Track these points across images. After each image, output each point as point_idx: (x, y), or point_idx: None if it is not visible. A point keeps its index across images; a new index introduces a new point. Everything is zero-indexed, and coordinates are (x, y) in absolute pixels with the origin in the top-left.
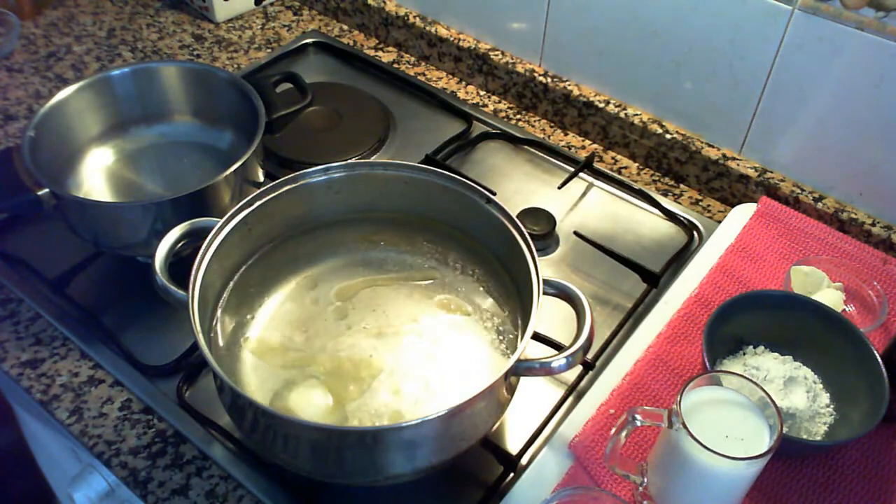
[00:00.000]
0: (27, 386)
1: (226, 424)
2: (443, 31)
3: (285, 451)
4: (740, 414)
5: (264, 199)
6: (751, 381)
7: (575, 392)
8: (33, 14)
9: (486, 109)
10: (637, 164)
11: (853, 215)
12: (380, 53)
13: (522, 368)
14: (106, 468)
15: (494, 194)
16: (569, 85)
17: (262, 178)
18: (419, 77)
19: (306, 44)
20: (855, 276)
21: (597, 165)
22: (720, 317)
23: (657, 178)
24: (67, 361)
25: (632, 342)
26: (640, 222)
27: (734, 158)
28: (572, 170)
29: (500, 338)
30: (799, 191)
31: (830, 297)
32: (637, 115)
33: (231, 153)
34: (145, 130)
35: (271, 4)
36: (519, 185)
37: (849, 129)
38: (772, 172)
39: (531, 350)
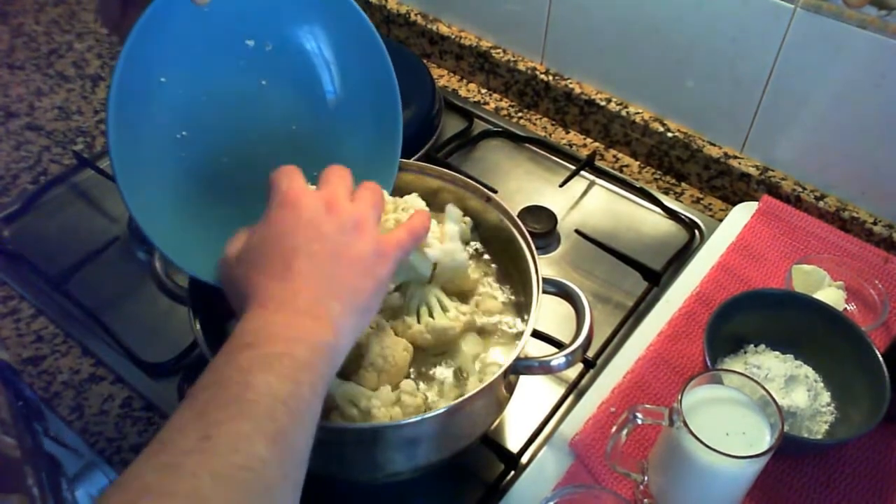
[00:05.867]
0: (29, 383)
1: None
2: (444, 29)
3: None
4: (741, 412)
5: None
6: (752, 379)
7: (576, 390)
8: None
9: (487, 107)
10: (638, 163)
11: (854, 214)
12: None
13: (522, 367)
14: (107, 465)
15: (496, 192)
16: (570, 83)
17: None
18: None
19: None
20: (856, 274)
21: (598, 164)
22: (721, 315)
23: (658, 177)
24: (68, 359)
25: (633, 340)
26: (641, 220)
27: (736, 157)
28: (573, 168)
29: (500, 336)
30: (800, 189)
31: (832, 295)
32: (638, 113)
33: None
34: None
35: None
36: (520, 184)
37: (850, 127)
38: (773, 171)
39: (531, 348)
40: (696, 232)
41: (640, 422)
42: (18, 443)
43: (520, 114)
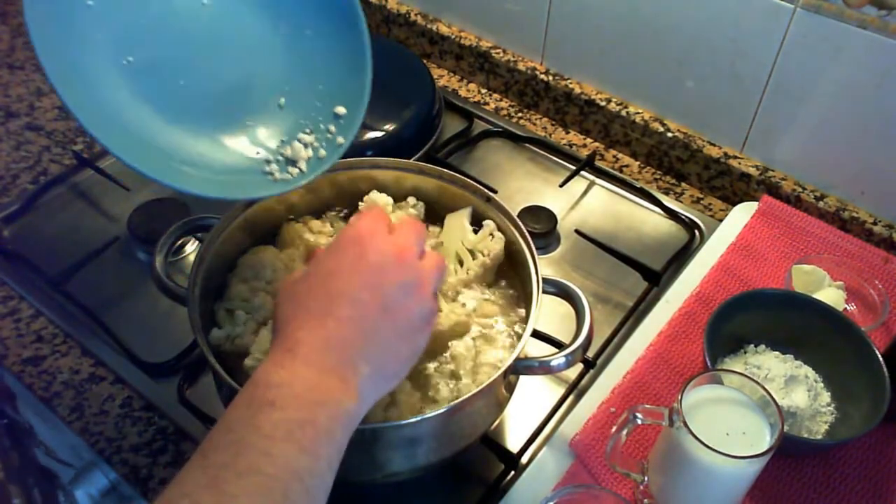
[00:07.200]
0: (29, 383)
1: None
2: (444, 29)
3: None
4: (741, 412)
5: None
6: (752, 379)
7: (576, 390)
8: None
9: (487, 107)
10: (638, 163)
11: (854, 214)
12: None
13: (521, 367)
14: (107, 465)
15: (496, 192)
16: (570, 83)
17: None
18: None
19: None
20: (856, 274)
21: (598, 164)
22: (721, 315)
23: (658, 177)
24: (68, 359)
25: (633, 340)
26: (641, 221)
27: (736, 157)
28: (574, 168)
29: (500, 336)
30: (800, 189)
31: (832, 295)
32: (638, 113)
33: None
34: None
35: None
36: (520, 184)
37: (850, 127)
38: (773, 171)
39: (531, 348)
40: (696, 232)
41: (640, 422)
42: (2, 463)
43: (520, 114)
